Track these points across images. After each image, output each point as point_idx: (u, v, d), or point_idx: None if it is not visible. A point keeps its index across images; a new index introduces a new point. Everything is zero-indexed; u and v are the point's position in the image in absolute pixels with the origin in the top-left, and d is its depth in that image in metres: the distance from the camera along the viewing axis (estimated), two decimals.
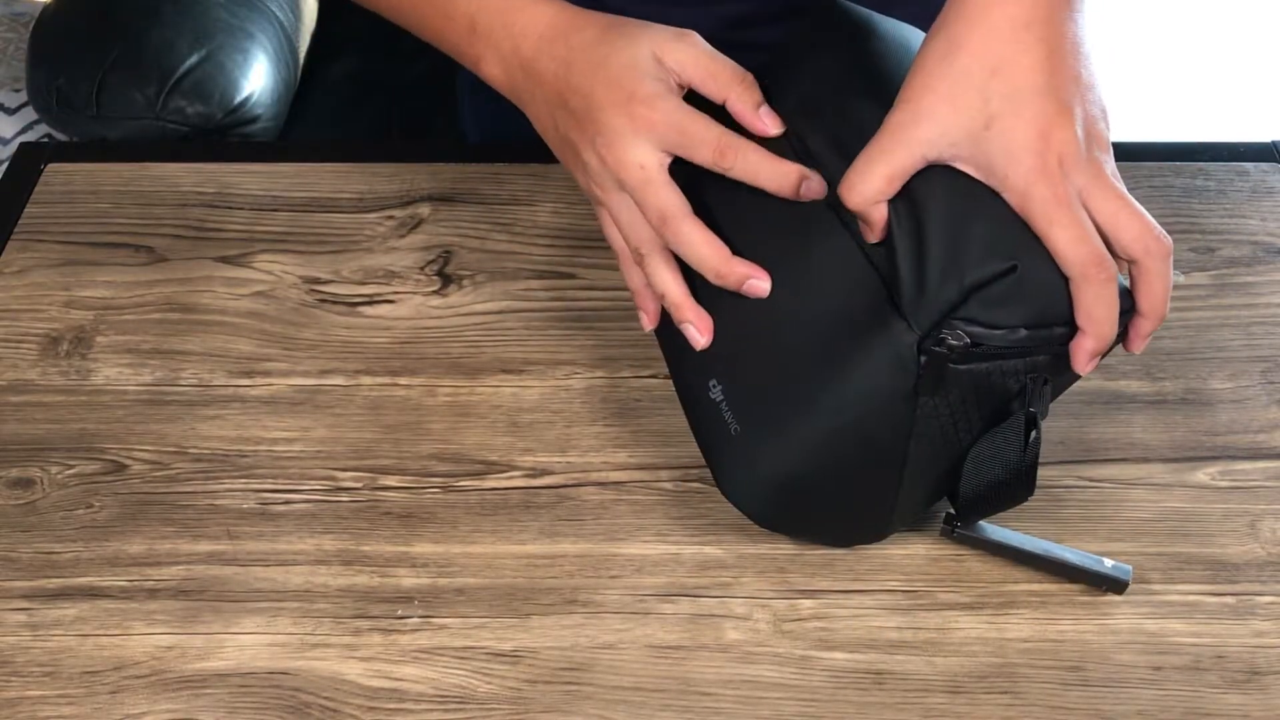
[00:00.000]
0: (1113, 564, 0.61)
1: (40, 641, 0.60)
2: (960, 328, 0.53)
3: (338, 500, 0.66)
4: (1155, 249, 0.53)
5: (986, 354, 0.54)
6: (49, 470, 0.67)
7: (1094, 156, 0.53)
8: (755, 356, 0.61)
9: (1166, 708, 0.58)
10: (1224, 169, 0.84)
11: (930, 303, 0.54)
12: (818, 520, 0.63)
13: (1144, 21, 2.39)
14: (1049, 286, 0.53)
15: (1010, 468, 0.57)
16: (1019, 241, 0.53)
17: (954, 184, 0.55)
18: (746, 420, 0.60)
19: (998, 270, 0.53)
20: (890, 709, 0.58)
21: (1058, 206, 0.52)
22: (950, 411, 0.56)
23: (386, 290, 0.76)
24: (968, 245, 0.53)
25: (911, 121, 0.54)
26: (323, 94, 1.36)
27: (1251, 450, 0.68)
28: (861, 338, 0.56)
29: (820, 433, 0.58)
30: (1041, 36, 0.53)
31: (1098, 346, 0.54)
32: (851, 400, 0.57)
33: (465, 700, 0.58)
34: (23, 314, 0.75)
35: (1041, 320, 0.54)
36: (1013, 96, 0.53)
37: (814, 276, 0.59)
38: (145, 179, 0.83)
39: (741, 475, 0.61)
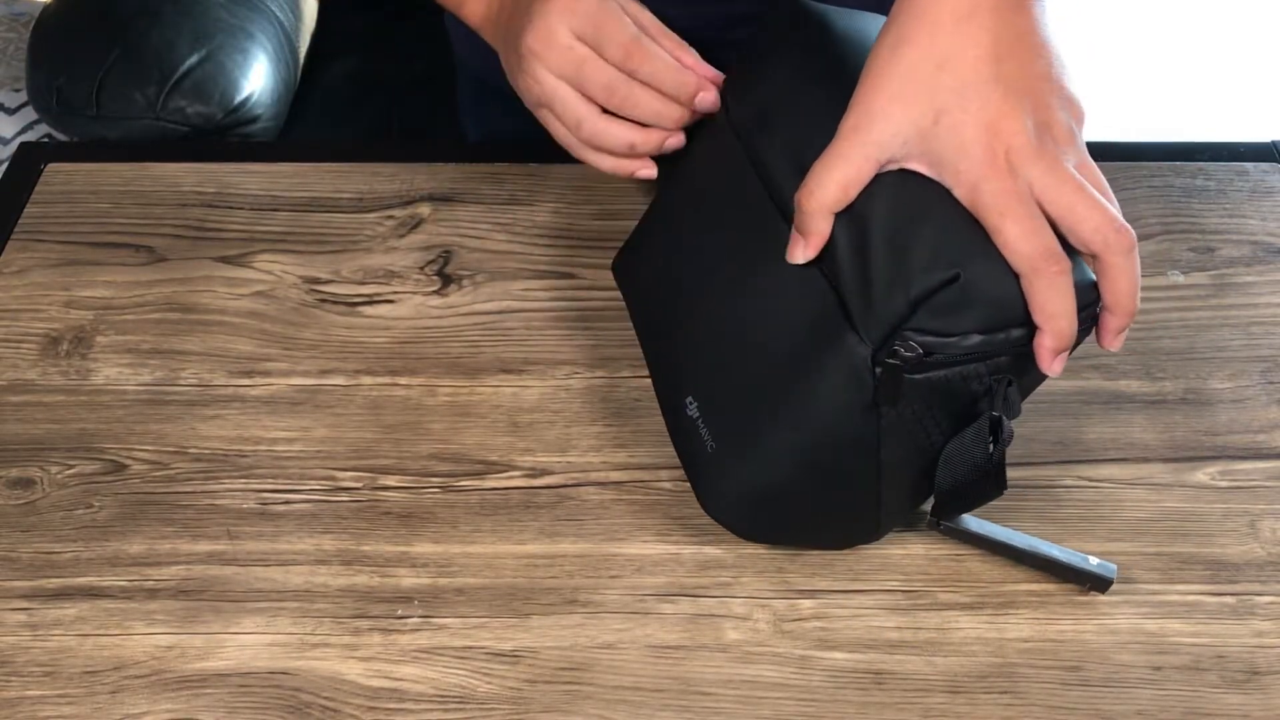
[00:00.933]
0: (1098, 561, 0.61)
1: (40, 641, 0.60)
2: (912, 338, 0.53)
3: (338, 500, 0.66)
4: (1116, 242, 0.52)
5: (942, 362, 0.53)
6: (49, 470, 0.67)
7: (1047, 149, 0.52)
8: (725, 373, 0.61)
9: (1166, 708, 0.58)
10: (1224, 169, 0.84)
11: (879, 316, 0.53)
12: (802, 529, 0.63)
13: (1144, 21, 2.39)
14: (998, 290, 0.52)
15: (979, 468, 0.57)
16: (964, 247, 0.52)
17: (899, 192, 0.54)
18: (720, 436, 0.61)
19: (941, 280, 0.52)
20: (890, 709, 0.58)
21: (1006, 200, 0.51)
22: (915, 418, 0.56)
23: (386, 290, 0.76)
24: (911, 256, 0.53)
25: (865, 124, 0.54)
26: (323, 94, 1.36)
27: (1251, 450, 0.68)
28: (819, 352, 0.56)
29: (790, 447, 0.58)
30: (987, 27, 0.52)
31: (1057, 344, 0.52)
32: (816, 414, 0.57)
33: (465, 700, 0.58)
34: (23, 314, 0.75)
35: (994, 324, 0.53)
36: (959, 90, 0.52)
37: (774, 292, 0.59)
38: (145, 179, 0.83)
39: (719, 490, 0.62)
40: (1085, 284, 0.53)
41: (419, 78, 1.36)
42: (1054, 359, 0.53)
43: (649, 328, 0.69)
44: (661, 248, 0.69)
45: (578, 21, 0.66)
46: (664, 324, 0.67)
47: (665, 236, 0.69)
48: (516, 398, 0.71)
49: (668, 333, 0.67)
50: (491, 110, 0.98)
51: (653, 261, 0.69)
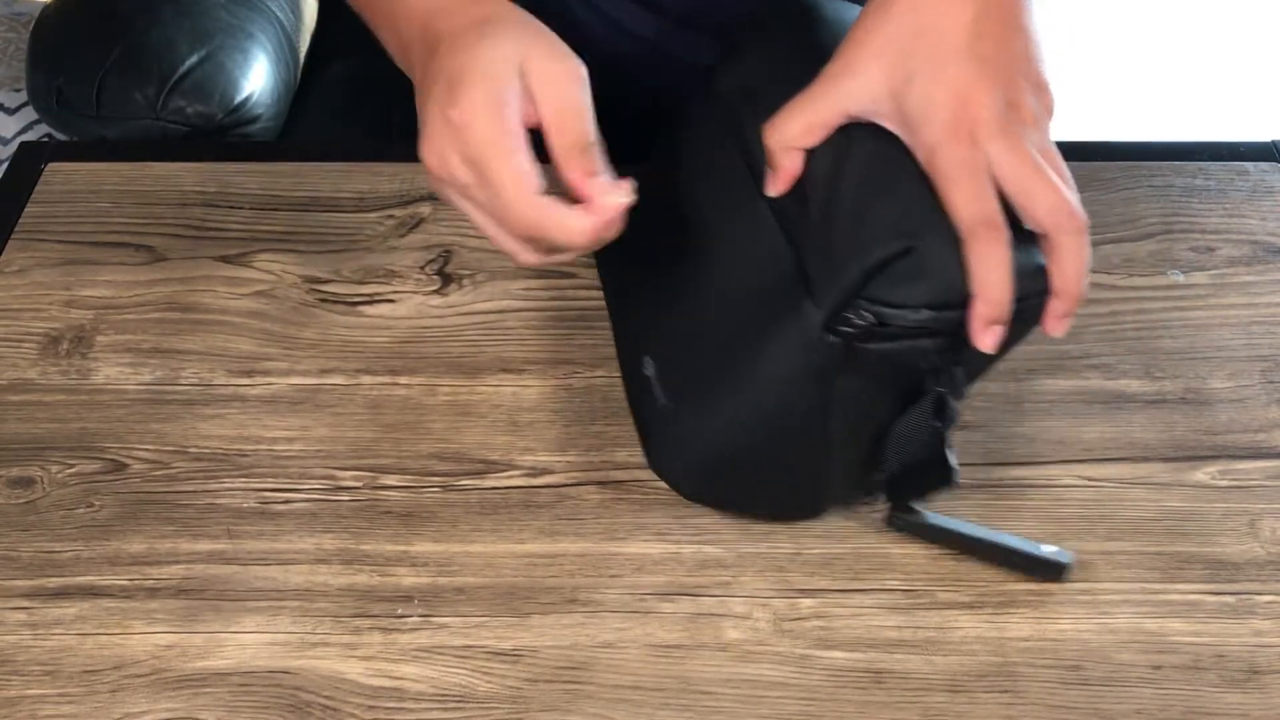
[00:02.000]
0: (1052, 549, 0.61)
1: (40, 641, 0.60)
2: (865, 308, 0.53)
3: (338, 499, 0.66)
4: (1068, 224, 0.52)
5: (893, 334, 0.54)
6: (49, 469, 0.67)
7: (1012, 127, 0.52)
8: (683, 333, 0.62)
9: (1166, 707, 0.58)
10: (1224, 169, 0.84)
11: (834, 282, 0.54)
12: (745, 494, 0.64)
13: (1144, 21, 2.39)
14: (951, 266, 0.52)
15: (925, 447, 0.57)
16: (924, 220, 0.53)
17: (872, 157, 0.55)
18: (674, 395, 0.62)
19: (895, 250, 0.53)
20: (890, 708, 0.58)
21: (960, 167, 0.52)
22: (864, 389, 0.56)
23: (386, 290, 0.76)
24: (870, 224, 0.53)
25: (841, 73, 0.55)
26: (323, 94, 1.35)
27: (1251, 450, 0.68)
28: (775, 316, 0.56)
29: (741, 409, 0.59)
30: (972, 0, 0.53)
31: (989, 312, 0.52)
32: (768, 378, 0.57)
33: (465, 699, 0.58)
34: (23, 313, 0.75)
35: (944, 300, 0.53)
36: (934, 56, 0.53)
37: (738, 254, 0.60)
38: (145, 178, 0.83)
39: (668, 450, 0.63)
40: (1035, 267, 0.53)
41: None
42: (986, 329, 0.52)
43: (617, 292, 0.70)
44: (635, 214, 0.70)
45: (469, 152, 0.58)
46: (630, 286, 0.69)
47: (643, 205, 0.70)
48: (517, 397, 0.71)
49: (633, 294, 0.68)
50: None
51: (628, 227, 0.70)
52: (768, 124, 0.57)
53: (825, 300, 0.54)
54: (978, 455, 0.68)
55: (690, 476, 0.63)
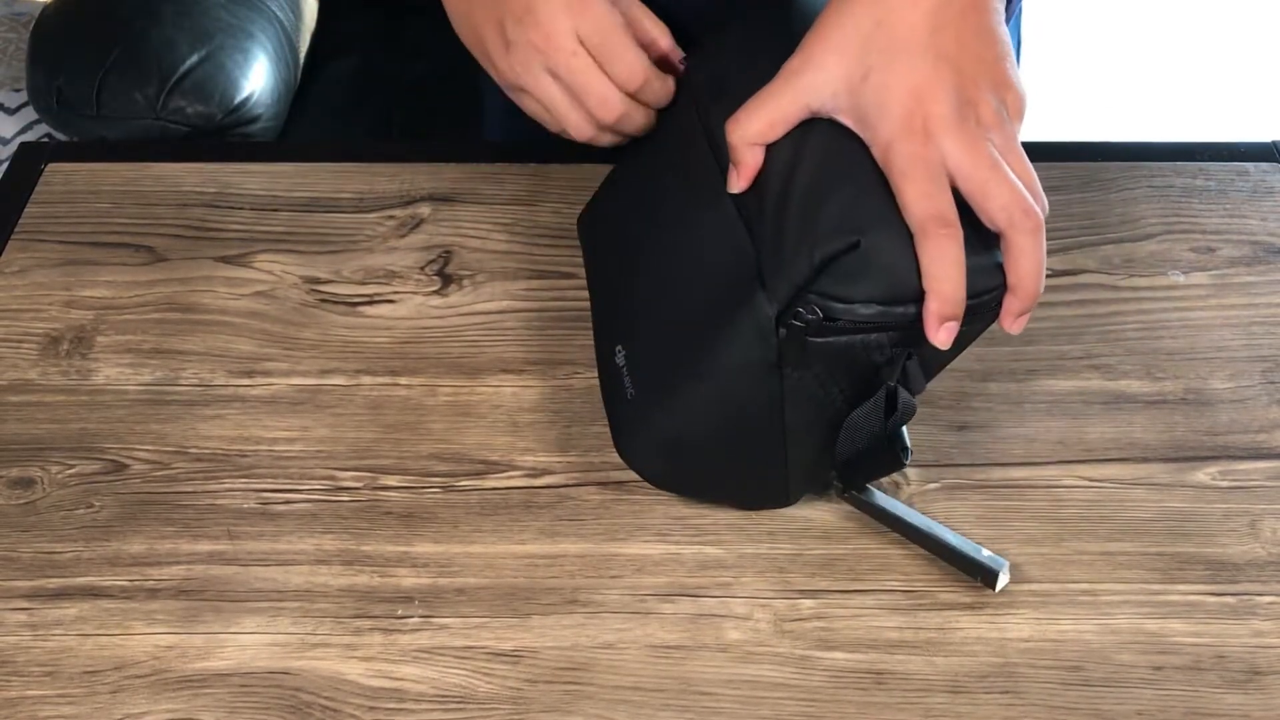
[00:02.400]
0: (989, 554, 0.62)
1: (40, 641, 0.60)
2: (815, 302, 0.54)
3: (338, 500, 0.66)
4: (1022, 221, 0.52)
5: (843, 328, 0.54)
6: (49, 470, 0.67)
7: (968, 124, 0.53)
8: (650, 321, 0.63)
9: (1167, 708, 0.58)
10: (1224, 169, 0.84)
11: (786, 276, 0.54)
12: (712, 483, 0.64)
13: (1144, 21, 2.39)
14: (898, 261, 0.53)
15: (876, 438, 0.57)
16: (874, 214, 0.53)
17: (828, 151, 0.55)
18: (640, 384, 0.63)
19: (843, 246, 0.53)
20: (891, 709, 0.58)
21: (913, 163, 0.52)
22: (818, 382, 0.57)
23: (387, 290, 0.76)
24: (820, 219, 0.54)
25: (801, 69, 0.55)
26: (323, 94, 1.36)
27: (1252, 450, 0.68)
28: (731, 308, 0.57)
29: (702, 398, 0.60)
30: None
31: (941, 308, 0.52)
32: (725, 368, 0.58)
33: (465, 700, 0.58)
34: (23, 314, 0.75)
35: (892, 296, 0.53)
36: (890, 51, 0.53)
37: (702, 245, 0.61)
38: (146, 179, 0.83)
39: (634, 436, 0.63)
40: (991, 264, 0.54)
41: (419, 78, 1.37)
42: (939, 326, 0.53)
43: (596, 282, 0.71)
44: (614, 205, 0.71)
45: (586, 28, 0.65)
46: (608, 277, 0.69)
47: (619, 194, 0.71)
48: (517, 397, 0.71)
49: (609, 285, 0.69)
50: (513, 108, 0.98)
51: (606, 218, 0.72)
52: (730, 120, 0.57)
53: (777, 294, 0.55)
54: (978, 455, 0.68)
55: (655, 464, 0.64)
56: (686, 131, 0.65)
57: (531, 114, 0.69)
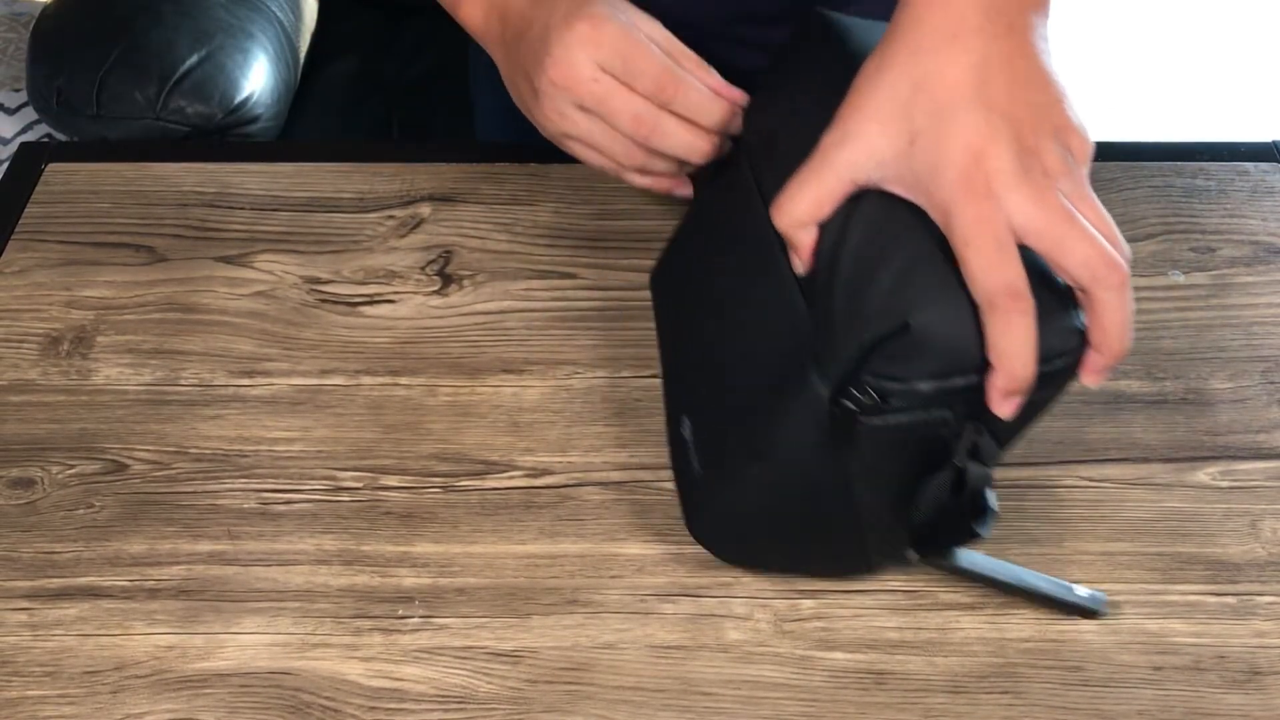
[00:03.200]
0: (1087, 593, 0.61)
1: (41, 641, 0.60)
2: (869, 383, 0.51)
3: (338, 500, 0.66)
4: (1106, 277, 0.48)
5: (901, 407, 0.51)
6: (49, 470, 0.67)
7: (1032, 176, 0.48)
8: (713, 397, 0.61)
9: (1167, 708, 0.58)
10: (1224, 169, 0.84)
11: (836, 359, 0.52)
12: (788, 559, 0.62)
13: (1144, 21, 2.39)
14: (951, 336, 0.49)
15: (949, 514, 0.54)
16: (921, 291, 0.50)
17: (872, 225, 0.52)
18: (706, 460, 0.61)
19: (890, 328, 0.50)
20: (891, 709, 0.58)
21: (977, 228, 0.48)
22: (880, 462, 0.54)
23: (387, 290, 0.76)
24: (867, 298, 0.51)
25: (840, 142, 0.52)
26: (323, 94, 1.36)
27: (1252, 450, 0.68)
28: (787, 388, 0.54)
29: (765, 478, 0.57)
30: (971, 49, 0.50)
31: (1009, 385, 0.49)
32: (784, 449, 0.55)
33: (466, 700, 0.58)
34: (23, 314, 0.75)
35: (947, 371, 0.50)
36: (936, 112, 0.49)
37: (761, 320, 0.58)
38: (146, 179, 0.83)
39: (702, 514, 0.61)
40: (1069, 328, 0.50)
41: (419, 78, 1.37)
42: (1004, 400, 0.50)
43: (665, 343, 0.69)
44: (683, 266, 0.69)
45: (603, 54, 0.63)
46: (675, 342, 0.68)
47: (686, 255, 0.69)
48: (517, 398, 0.71)
49: (676, 351, 0.67)
50: (506, 107, 0.98)
51: (675, 279, 0.69)
52: (774, 205, 0.54)
53: (829, 376, 0.52)
54: None
55: (728, 543, 0.62)
56: (741, 190, 0.62)
57: (589, 162, 0.67)
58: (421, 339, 0.74)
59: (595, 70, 0.63)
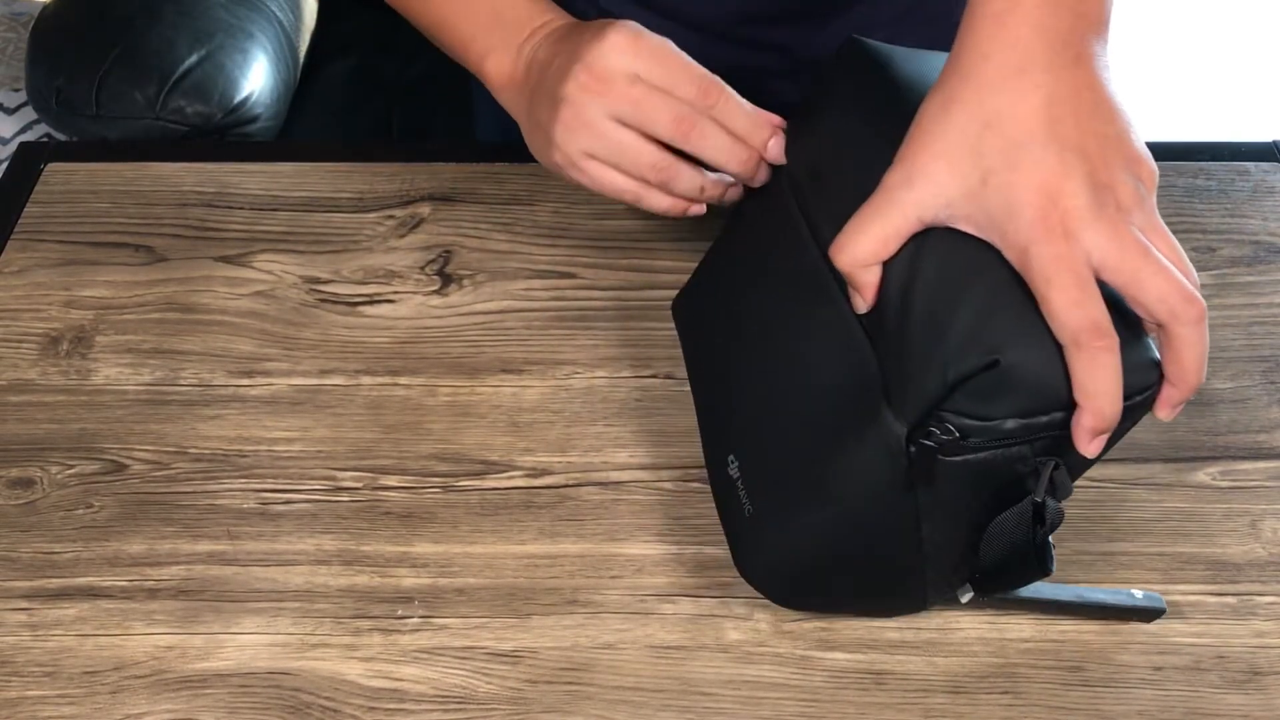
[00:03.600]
0: (1143, 595, 0.60)
1: (40, 641, 0.60)
2: (949, 420, 0.50)
3: (338, 500, 0.66)
4: (1183, 311, 0.48)
5: (981, 445, 0.50)
6: (49, 470, 0.67)
7: (1107, 211, 0.48)
8: (767, 437, 0.59)
9: (1167, 708, 0.58)
10: (1225, 169, 0.84)
11: (916, 395, 0.50)
12: (842, 601, 0.61)
13: (1144, 21, 2.39)
14: (1040, 374, 0.49)
15: (1019, 549, 0.53)
16: (1007, 326, 0.49)
17: (948, 258, 0.51)
18: (757, 501, 0.59)
19: (980, 364, 0.49)
20: (891, 709, 0.58)
21: (1056, 267, 0.47)
22: (955, 499, 0.53)
23: (387, 290, 0.76)
24: (950, 335, 0.50)
25: (905, 182, 0.51)
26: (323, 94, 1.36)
27: (1252, 450, 0.68)
28: (857, 426, 0.53)
29: (829, 520, 0.55)
30: (1039, 84, 0.49)
31: (1096, 424, 0.48)
32: (852, 490, 0.54)
33: (465, 700, 0.58)
34: (23, 314, 0.75)
35: (1034, 408, 0.49)
36: (1007, 150, 0.49)
37: (817, 353, 0.56)
38: (145, 179, 0.83)
39: (756, 557, 0.59)
40: (1147, 362, 0.49)
41: (419, 78, 1.36)
42: (1091, 440, 0.49)
43: (699, 376, 0.67)
44: (717, 297, 0.66)
45: (642, 63, 0.61)
46: (714, 376, 0.65)
47: (721, 286, 0.67)
48: (517, 398, 0.71)
49: (716, 386, 0.64)
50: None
51: (708, 310, 0.67)
52: (833, 246, 0.53)
53: (906, 412, 0.51)
54: None
55: (781, 586, 0.60)
56: (786, 223, 0.60)
57: (606, 186, 0.64)
58: (421, 339, 0.74)
59: (632, 75, 0.61)
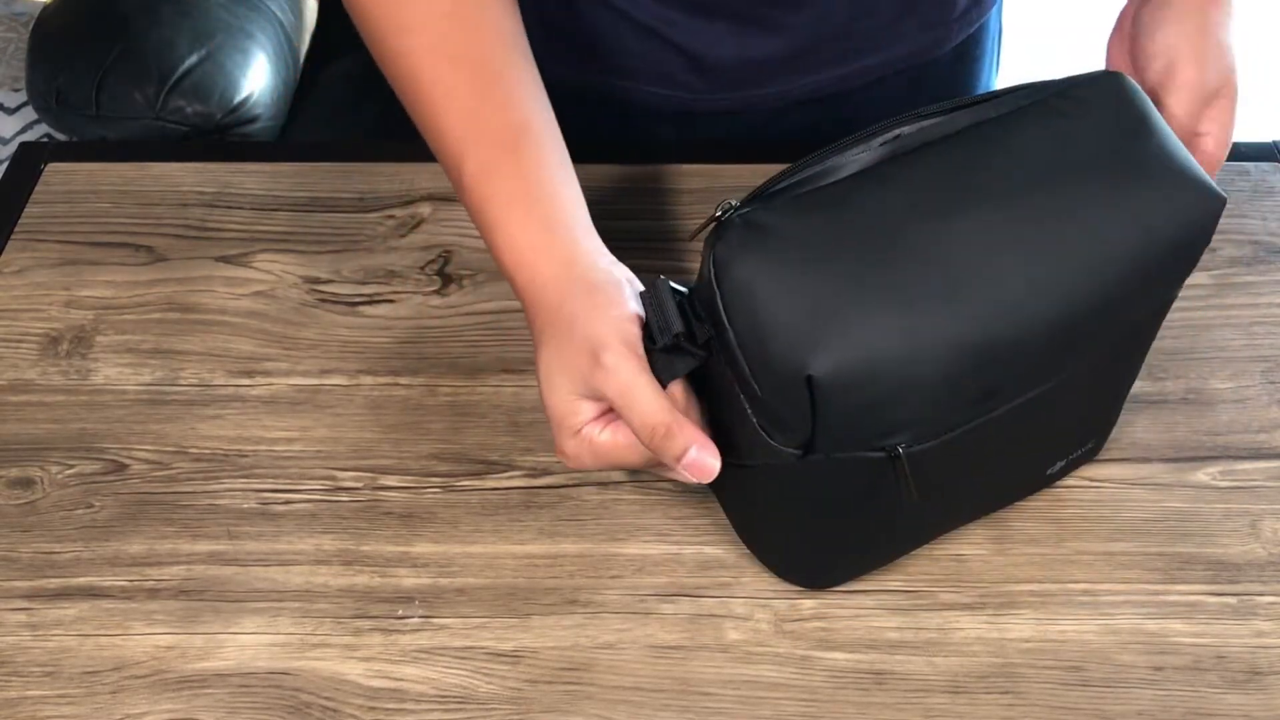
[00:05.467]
0: None
1: (40, 641, 0.60)
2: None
3: (338, 500, 0.66)
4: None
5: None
6: (49, 470, 0.67)
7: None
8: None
9: (1167, 708, 0.58)
10: (1224, 169, 0.83)
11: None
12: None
13: None
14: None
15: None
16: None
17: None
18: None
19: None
20: (891, 709, 0.58)
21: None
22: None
23: (387, 290, 0.76)
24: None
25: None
26: (323, 94, 1.36)
27: (1252, 450, 0.68)
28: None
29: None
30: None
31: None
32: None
33: (465, 700, 0.58)
34: (23, 314, 0.75)
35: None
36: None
37: None
38: (145, 179, 0.83)
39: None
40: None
41: None
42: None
43: None
44: None
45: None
46: None
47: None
48: (517, 397, 0.70)
49: None
50: None
51: None
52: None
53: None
54: None
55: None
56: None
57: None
58: (421, 339, 0.74)
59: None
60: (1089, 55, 0.58)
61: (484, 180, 0.61)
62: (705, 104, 0.84)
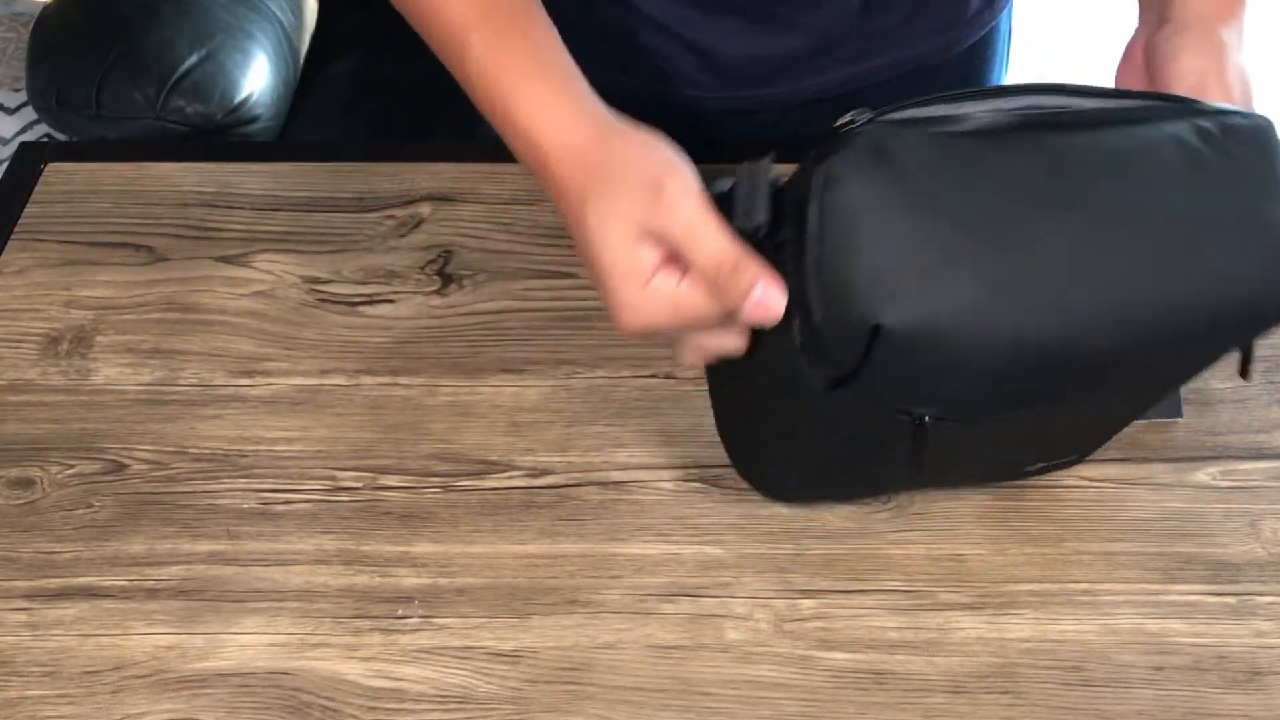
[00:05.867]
0: None
1: (40, 641, 0.60)
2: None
3: (338, 500, 0.66)
4: None
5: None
6: (49, 470, 0.67)
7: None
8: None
9: (1167, 708, 0.58)
10: None
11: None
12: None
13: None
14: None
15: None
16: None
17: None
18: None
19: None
20: (891, 709, 0.58)
21: None
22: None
23: (387, 290, 0.76)
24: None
25: None
26: (323, 94, 1.36)
27: (1252, 450, 0.68)
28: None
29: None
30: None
31: None
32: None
33: (465, 700, 0.58)
34: (23, 314, 0.75)
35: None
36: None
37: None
38: (145, 179, 0.83)
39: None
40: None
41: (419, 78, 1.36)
42: None
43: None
44: None
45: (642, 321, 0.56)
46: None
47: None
48: (517, 397, 0.71)
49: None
50: None
51: None
52: None
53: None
54: None
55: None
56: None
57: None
58: (421, 339, 0.74)
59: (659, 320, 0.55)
60: (1089, 55, 0.58)
61: (494, 53, 0.60)
62: (714, 102, 0.84)
